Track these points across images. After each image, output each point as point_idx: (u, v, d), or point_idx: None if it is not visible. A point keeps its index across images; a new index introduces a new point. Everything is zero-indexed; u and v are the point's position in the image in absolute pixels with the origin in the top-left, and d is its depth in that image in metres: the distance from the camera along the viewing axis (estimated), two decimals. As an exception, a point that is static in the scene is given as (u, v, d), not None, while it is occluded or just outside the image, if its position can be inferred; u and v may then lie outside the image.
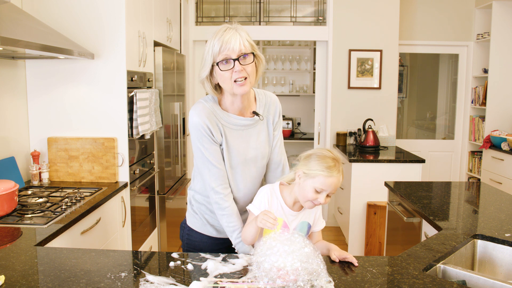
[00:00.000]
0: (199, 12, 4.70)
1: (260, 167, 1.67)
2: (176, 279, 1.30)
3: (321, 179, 1.40)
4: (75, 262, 1.42)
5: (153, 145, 3.31)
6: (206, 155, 1.55)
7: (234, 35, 1.46)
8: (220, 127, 1.57)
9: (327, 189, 1.41)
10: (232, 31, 1.47)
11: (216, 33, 1.49)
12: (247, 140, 1.61)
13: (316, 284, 1.23)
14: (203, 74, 1.53)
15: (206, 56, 1.51)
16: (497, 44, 4.56)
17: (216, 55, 1.47)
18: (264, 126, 1.66)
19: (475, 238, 1.75)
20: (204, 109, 1.56)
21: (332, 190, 1.42)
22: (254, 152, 1.62)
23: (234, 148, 1.58)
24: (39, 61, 2.62)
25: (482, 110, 4.84)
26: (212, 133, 1.55)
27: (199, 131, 1.54)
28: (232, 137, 1.58)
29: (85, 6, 2.56)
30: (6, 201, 1.93)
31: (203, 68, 1.53)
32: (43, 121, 2.67)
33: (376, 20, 4.52)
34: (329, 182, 1.40)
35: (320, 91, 4.77)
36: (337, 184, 1.42)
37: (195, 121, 1.55)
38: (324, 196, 1.42)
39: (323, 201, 1.43)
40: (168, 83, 3.45)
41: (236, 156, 1.59)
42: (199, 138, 1.55)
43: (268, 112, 1.68)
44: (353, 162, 3.79)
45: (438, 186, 2.65)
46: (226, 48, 1.45)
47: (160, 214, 3.38)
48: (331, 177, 1.40)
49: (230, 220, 1.57)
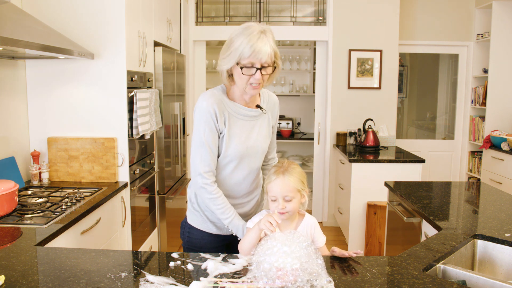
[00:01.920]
0: (199, 12, 4.70)
1: (258, 159, 1.73)
2: (176, 279, 1.30)
3: (269, 187, 1.51)
4: (75, 262, 1.42)
5: (153, 145, 3.31)
6: (204, 138, 1.60)
7: (265, 44, 1.51)
8: (226, 115, 1.63)
9: (276, 194, 1.48)
10: (265, 39, 1.51)
11: (249, 34, 1.51)
12: (250, 130, 1.68)
13: (316, 284, 1.23)
14: (224, 66, 1.57)
15: (232, 51, 1.53)
16: (497, 44, 4.56)
17: (243, 58, 1.52)
18: (265, 120, 1.74)
19: (475, 238, 1.75)
20: (214, 96, 1.62)
21: (283, 193, 1.47)
22: (255, 144, 1.69)
23: (236, 137, 1.64)
24: (39, 61, 2.62)
25: (482, 110, 4.84)
26: (217, 119, 1.60)
27: (205, 115, 1.60)
28: (236, 126, 1.65)
29: (85, 6, 2.56)
30: (6, 201, 1.93)
31: (225, 60, 1.56)
32: (43, 121, 2.67)
33: (376, 20, 4.52)
34: (275, 185, 1.48)
35: (320, 91, 4.77)
36: (283, 186, 1.47)
37: (203, 105, 1.60)
38: (280, 201, 1.48)
39: (282, 205, 1.47)
40: (168, 83, 3.45)
41: (237, 145, 1.64)
42: (203, 121, 1.60)
43: (269, 109, 1.77)
44: (353, 162, 3.79)
45: (438, 186, 2.65)
46: (255, 57, 1.51)
47: (160, 214, 3.38)
48: (275, 179, 1.48)
49: (218, 202, 1.62)
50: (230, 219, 1.62)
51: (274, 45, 1.55)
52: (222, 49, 1.59)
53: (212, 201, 1.62)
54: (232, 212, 1.63)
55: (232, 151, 1.63)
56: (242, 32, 1.52)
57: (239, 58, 1.52)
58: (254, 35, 1.50)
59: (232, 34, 1.57)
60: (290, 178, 1.48)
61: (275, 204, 1.49)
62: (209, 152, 1.61)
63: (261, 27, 1.55)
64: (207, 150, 1.60)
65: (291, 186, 1.47)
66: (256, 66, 1.53)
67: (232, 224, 1.63)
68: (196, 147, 1.62)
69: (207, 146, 1.60)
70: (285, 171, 1.49)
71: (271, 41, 1.54)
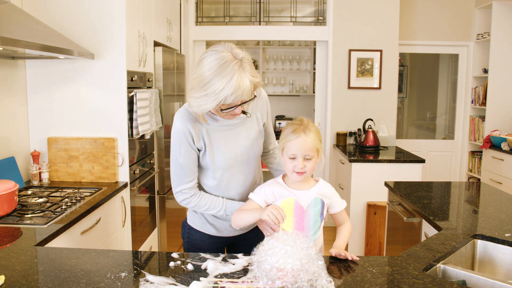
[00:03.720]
0: (199, 12, 4.70)
1: (252, 163, 1.68)
2: (176, 279, 1.30)
3: (288, 145, 1.46)
4: (75, 262, 1.42)
5: (153, 145, 3.31)
6: (181, 160, 1.58)
7: (246, 81, 1.38)
8: (204, 131, 1.57)
9: (297, 152, 1.45)
10: (243, 74, 1.38)
11: (228, 74, 1.36)
12: (236, 138, 1.62)
13: (316, 285, 1.23)
14: (197, 108, 1.43)
15: (209, 94, 1.38)
16: (497, 44, 4.56)
17: (225, 104, 1.41)
18: (253, 122, 1.66)
19: (475, 238, 1.75)
20: (187, 114, 1.56)
21: (304, 152, 1.44)
22: (245, 150, 1.63)
23: (220, 150, 1.59)
24: (39, 61, 2.62)
25: (482, 110, 4.84)
26: (193, 140, 1.56)
27: (179, 137, 1.56)
28: (218, 138, 1.59)
29: (85, 6, 2.56)
30: (6, 201, 1.93)
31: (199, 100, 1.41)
32: (43, 121, 2.67)
33: (376, 20, 4.52)
34: (295, 144, 1.44)
35: (320, 91, 4.77)
36: (305, 143, 1.44)
37: (177, 126, 1.56)
38: (300, 161, 1.45)
39: (301, 165, 1.45)
40: (168, 83, 3.45)
41: (223, 156, 1.60)
42: (177, 143, 1.58)
43: (256, 107, 1.67)
44: (353, 162, 3.79)
45: (438, 186, 2.65)
46: (237, 99, 1.40)
47: (160, 214, 3.38)
48: (296, 138, 1.44)
49: (203, 203, 1.62)
50: (223, 209, 1.63)
51: (252, 74, 1.42)
52: (193, 86, 1.42)
53: (197, 207, 1.63)
54: (221, 202, 1.63)
55: (220, 163, 1.60)
56: (219, 71, 1.36)
57: (220, 103, 1.39)
58: (233, 74, 1.36)
59: (203, 69, 1.39)
60: (311, 136, 1.45)
61: (294, 162, 1.46)
62: (187, 171, 1.59)
63: (237, 56, 1.40)
64: (184, 170, 1.59)
65: (312, 145, 1.45)
66: (236, 104, 1.43)
67: (228, 210, 1.63)
68: (173, 167, 1.61)
69: (184, 166, 1.58)
70: (305, 129, 1.46)
71: (249, 72, 1.41)
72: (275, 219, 1.37)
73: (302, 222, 1.50)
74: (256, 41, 6.02)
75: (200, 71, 1.41)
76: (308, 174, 1.50)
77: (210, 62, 1.39)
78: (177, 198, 1.63)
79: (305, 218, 1.51)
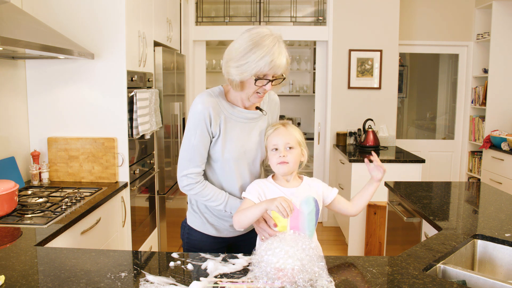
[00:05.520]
0: (199, 12, 4.70)
1: (257, 165, 1.69)
2: (176, 279, 1.30)
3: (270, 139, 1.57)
4: (75, 262, 1.42)
5: (153, 145, 3.31)
6: (194, 141, 1.58)
7: (283, 57, 1.48)
8: (222, 118, 1.59)
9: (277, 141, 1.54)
10: (281, 51, 1.48)
11: (267, 46, 1.45)
12: (249, 133, 1.64)
13: (316, 285, 1.23)
14: (236, 76, 1.49)
15: (248, 62, 1.46)
16: (497, 44, 4.56)
17: (261, 73, 1.48)
18: (265, 122, 1.70)
19: (475, 238, 1.75)
20: (210, 98, 1.60)
21: (285, 140, 1.53)
22: (254, 146, 1.65)
23: (233, 140, 1.61)
24: (39, 61, 2.62)
25: (482, 110, 4.84)
26: (210, 124, 1.58)
27: (199, 118, 1.57)
28: (234, 129, 1.61)
29: (85, 6, 2.56)
30: (6, 201, 1.93)
31: (238, 69, 1.48)
32: (43, 121, 2.67)
33: (376, 20, 4.52)
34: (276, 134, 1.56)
35: (320, 91, 4.77)
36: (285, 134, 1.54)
37: (199, 108, 1.57)
38: (282, 149, 1.52)
39: (283, 153, 1.51)
40: (168, 83, 3.45)
41: (234, 148, 1.61)
42: (195, 124, 1.58)
43: (268, 108, 1.73)
44: (353, 162, 3.79)
45: (438, 186, 2.65)
46: (273, 72, 1.49)
47: (160, 214, 3.38)
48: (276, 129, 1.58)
49: (206, 193, 1.61)
50: (224, 203, 1.61)
51: (287, 53, 1.52)
52: (232, 56, 1.50)
53: (200, 195, 1.61)
54: (223, 196, 1.62)
55: (229, 154, 1.60)
56: (259, 42, 1.45)
57: (257, 72, 1.47)
58: (272, 47, 1.45)
59: (244, 39, 1.48)
60: (291, 129, 1.56)
61: (276, 154, 1.52)
62: (198, 155, 1.59)
63: (275, 33, 1.50)
64: (196, 153, 1.58)
65: (292, 135, 1.54)
66: (269, 78, 1.50)
67: (228, 206, 1.62)
68: (184, 149, 1.60)
69: (195, 148, 1.58)
70: (285, 124, 1.58)
71: (285, 50, 1.51)
72: (284, 211, 1.36)
73: (297, 222, 1.49)
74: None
75: (240, 42, 1.49)
76: (292, 166, 1.52)
77: (251, 35, 1.48)
78: (181, 183, 1.61)
79: (300, 218, 1.50)
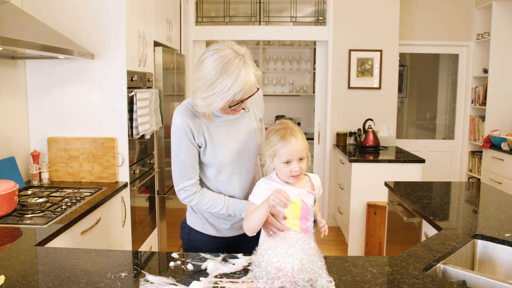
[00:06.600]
0: (199, 12, 4.70)
1: (253, 158, 1.68)
2: (176, 279, 1.30)
3: (281, 152, 1.46)
4: (75, 262, 1.42)
5: (153, 145, 3.31)
6: (182, 157, 1.57)
7: (250, 75, 1.41)
8: (204, 127, 1.57)
9: (291, 156, 1.46)
10: (247, 69, 1.40)
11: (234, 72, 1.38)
12: (236, 133, 1.63)
13: (316, 285, 1.23)
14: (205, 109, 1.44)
15: (216, 93, 1.39)
16: (497, 44, 4.56)
17: (233, 102, 1.43)
18: (251, 117, 1.68)
19: (475, 238, 1.75)
20: (187, 111, 1.57)
21: (298, 154, 1.47)
22: (245, 145, 1.64)
23: (222, 145, 1.59)
24: (39, 61, 2.62)
25: (482, 110, 4.84)
26: (193, 136, 1.56)
27: (180, 133, 1.56)
28: (219, 133, 1.59)
29: (85, 6, 2.56)
30: (6, 201, 1.93)
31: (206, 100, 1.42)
32: (43, 121, 2.67)
33: (376, 20, 4.52)
34: (289, 150, 1.46)
35: (320, 91, 4.77)
36: (298, 147, 1.47)
37: (178, 123, 1.56)
38: (295, 163, 1.47)
39: (297, 168, 1.47)
40: (168, 83, 3.45)
41: (225, 152, 1.60)
42: (178, 140, 1.57)
43: (252, 102, 1.68)
44: (353, 162, 3.79)
45: (438, 186, 2.65)
46: (246, 94, 1.43)
47: (160, 214, 3.38)
48: (288, 144, 1.45)
49: (205, 201, 1.61)
50: (225, 207, 1.62)
51: (255, 68, 1.44)
52: (198, 87, 1.43)
53: (200, 205, 1.62)
54: (223, 200, 1.62)
55: (223, 158, 1.60)
56: (225, 69, 1.37)
57: (227, 102, 1.41)
58: (240, 73, 1.38)
59: (208, 67, 1.40)
60: (300, 137, 1.48)
61: (289, 167, 1.47)
62: (189, 168, 1.59)
63: (238, 52, 1.41)
64: (186, 166, 1.58)
65: (303, 146, 1.49)
66: (243, 99, 1.45)
67: (230, 209, 1.62)
68: (175, 164, 1.60)
69: (185, 162, 1.58)
70: (292, 131, 1.48)
71: (252, 66, 1.43)
72: (281, 202, 1.38)
73: (307, 221, 1.51)
74: (256, 41, 6.02)
75: (204, 71, 1.41)
76: (302, 173, 1.53)
77: (214, 61, 1.40)
78: (180, 196, 1.63)
79: (310, 217, 1.52)
